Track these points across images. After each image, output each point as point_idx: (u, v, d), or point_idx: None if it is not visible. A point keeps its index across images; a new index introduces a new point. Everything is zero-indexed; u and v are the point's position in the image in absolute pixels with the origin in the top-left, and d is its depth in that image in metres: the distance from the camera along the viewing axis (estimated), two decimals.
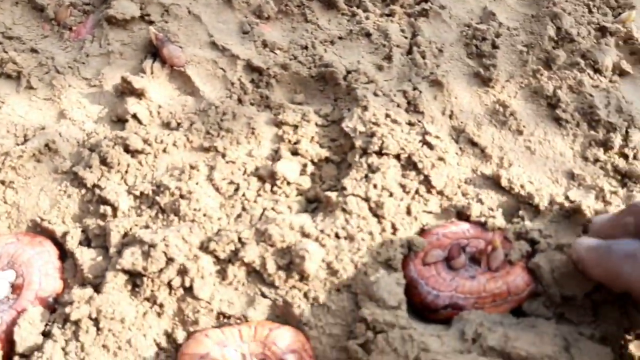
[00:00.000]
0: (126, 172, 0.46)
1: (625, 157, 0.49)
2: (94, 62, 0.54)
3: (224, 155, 0.47)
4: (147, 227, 0.44)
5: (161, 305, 0.40)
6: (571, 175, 0.49)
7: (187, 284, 0.40)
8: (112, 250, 0.42)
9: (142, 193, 0.45)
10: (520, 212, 0.46)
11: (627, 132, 0.50)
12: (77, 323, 0.39)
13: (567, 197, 0.46)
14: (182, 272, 0.40)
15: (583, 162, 0.49)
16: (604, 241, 0.39)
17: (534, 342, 0.37)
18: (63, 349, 0.38)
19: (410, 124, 0.50)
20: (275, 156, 0.48)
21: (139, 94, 0.50)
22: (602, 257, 0.38)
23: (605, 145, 0.50)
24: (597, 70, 0.54)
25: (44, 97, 0.51)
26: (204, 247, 0.42)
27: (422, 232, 0.46)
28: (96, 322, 0.39)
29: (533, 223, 0.45)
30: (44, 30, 0.57)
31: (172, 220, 0.44)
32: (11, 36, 0.55)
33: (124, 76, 0.50)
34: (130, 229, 0.43)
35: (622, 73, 0.55)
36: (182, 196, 0.45)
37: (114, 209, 0.45)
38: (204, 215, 0.44)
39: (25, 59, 0.53)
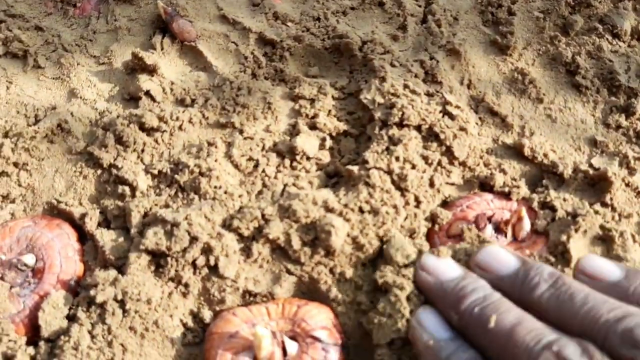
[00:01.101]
0: (142, 150, 0.45)
1: None
2: (102, 39, 0.53)
3: (241, 132, 0.46)
4: (167, 206, 0.43)
5: (186, 285, 0.39)
6: (594, 143, 0.48)
7: (212, 263, 0.39)
8: (133, 230, 0.41)
9: (160, 172, 0.44)
10: (544, 181, 0.45)
11: None
12: (102, 305, 0.38)
13: (591, 165, 0.46)
14: (207, 250, 0.40)
15: (605, 128, 0.49)
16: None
17: None
18: (89, 332, 0.37)
19: (429, 94, 0.49)
20: (293, 131, 0.47)
21: (151, 71, 0.49)
22: None
23: (627, 111, 0.49)
24: (615, 35, 0.53)
25: (53, 77, 0.50)
26: (227, 225, 0.41)
27: (446, 204, 0.45)
28: (122, 303, 0.38)
29: (558, 192, 0.44)
30: (47, 8, 0.55)
31: (193, 199, 0.43)
32: (14, 14, 0.54)
33: (134, 52, 0.49)
34: (151, 208, 0.42)
35: None
36: (201, 174, 0.44)
37: (133, 189, 0.44)
38: (225, 192, 0.43)
39: (31, 37, 0.52)
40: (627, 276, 0.35)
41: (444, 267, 0.38)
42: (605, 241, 0.42)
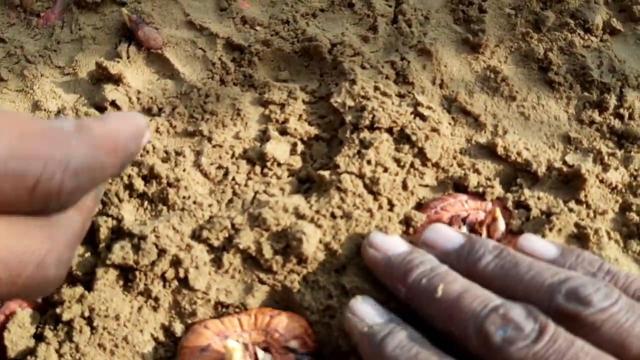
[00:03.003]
0: None
1: (621, 117, 0.48)
2: (66, 49, 0.52)
3: (210, 139, 0.46)
4: (135, 219, 0.42)
5: (156, 299, 0.39)
6: (567, 139, 0.47)
7: (182, 275, 0.39)
8: (101, 245, 0.40)
9: (127, 184, 0.43)
10: (519, 180, 0.45)
11: (621, 91, 0.49)
12: (69, 323, 0.37)
13: (564, 162, 0.45)
14: (176, 263, 0.39)
15: (578, 124, 0.48)
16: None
17: None
18: (57, 350, 0.37)
19: (400, 95, 0.48)
20: (264, 137, 0.46)
21: (116, 80, 0.48)
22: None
23: (600, 106, 0.49)
24: (587, 30, 0.53)
25: (16, 89, 0.48)
26: (196, 236, 0.40)
27: (420, 206, 0.44)
28: (89, 320, 0.37)
29: (532, 191, 0.44)
30: (10, 19, 0.54)
31: (161, 210, 0.42)
32: None
33: (98, 62, 0.47)
34: (119, 222, 0.42)
35: (613, 32, 0.54)
36: (169, 184, 0.43)
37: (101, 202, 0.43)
38: (194, 202, 0.42)
39: None
40: (563, 254, 0.36)
41: (391, 243, 0.38)
42: (580, 239, 0.41)
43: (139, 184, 0.43)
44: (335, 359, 0.37)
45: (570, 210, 0.42)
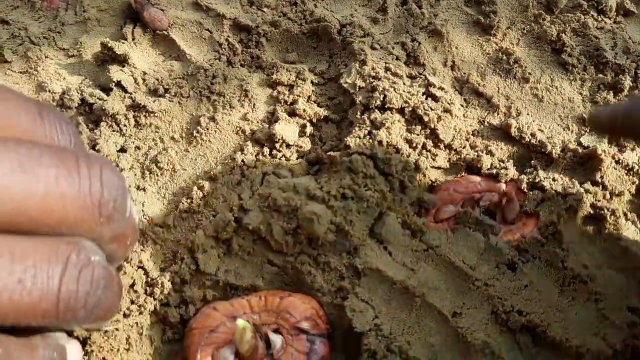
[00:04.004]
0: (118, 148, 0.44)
1: None
2: (71, 31, 0.51)
3: (217, 121, 0.45)
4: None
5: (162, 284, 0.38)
6: (582, 121, 0.47)
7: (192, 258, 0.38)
8: None
9: (131, 167, 0.43)
10: (533, 162, 0.44)
11: (636, 73, 0.48)
12: None
13: (580, 143, 0.45)
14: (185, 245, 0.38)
15: (593, 106, 0.47)
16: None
17: None
18: None
19: (411, 76, 0.47)
20: (272, 118, 0.45)
21: (122, 61, 0.47)
22: None
23: (615, 87, 0.48)
24: (600, 12, 0.52)
25: (20, 70, 0.47)
26: (205, 218, 0.39)
27: (433, 188, 0.43)
28: None
29: (547, 172, 0.43)
30: (14, 1, 0.53)
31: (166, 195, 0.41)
32: None
33: (104, 42, 0.47)
34: None
35: (627, 13, 0.53)
36: (174, 170, 0.42)
37: None
38: (201, 187, 0.41)
39: None
40: None
41: None
42: (597, 220, 0.40)
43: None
44: (348, 340, 0.36)
45: (587, 191, 0.41)
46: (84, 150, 0.25)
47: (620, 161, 0.43)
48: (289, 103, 0.46)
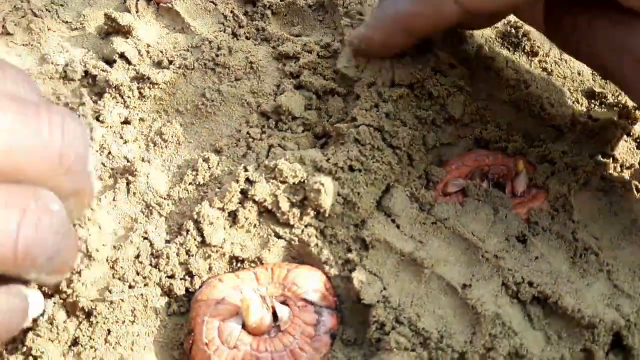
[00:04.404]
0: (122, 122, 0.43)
1: None
2: (73, 4, 0.50)
3: (222, 93, 0.44)
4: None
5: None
6: (592, 94, 0.46)
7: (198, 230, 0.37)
8: None
9: (136, 139, 0.42)
10: (542, 135, 0.43)
11: None
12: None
13: (589, 116, 0.44)
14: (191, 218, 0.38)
15: (603, 80, 0.47)
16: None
17: None
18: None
19: (419, 51, 0.46)
20: (278, 91, 0.45)
21: (125, 32, 0.46)
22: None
23: None
24: None
25: (22, 43, 0.47)
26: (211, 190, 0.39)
27: (440, 161, 0.43)
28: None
29: (556, 145, 0.42)
30: None
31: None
32: None
33: (107, 13, 0.46)
34: None
35: None
36: (179, 143, 0.42)
37: None
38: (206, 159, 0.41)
39: None
40: None
41: None
42: (607, 193, 0.40)
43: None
44: (356, 313, 0.36)
45: (597, 163, 0.41)
46: (47, 103, 0.24)
47: (632, 134, 0.42)
48: (294, 75, 0.45)
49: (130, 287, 0.36)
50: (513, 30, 0.49)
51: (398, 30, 0.39)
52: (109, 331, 0.35)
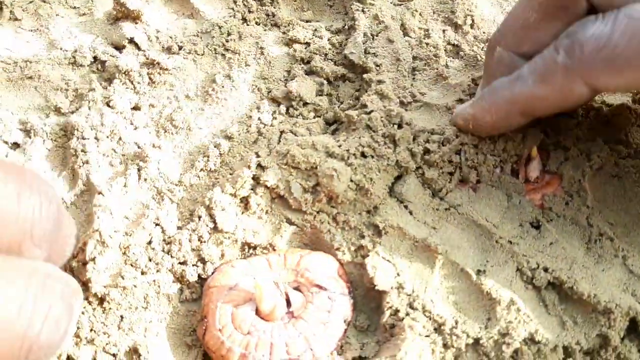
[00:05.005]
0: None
1: None
2: None
3: (232, 79, 0.44)
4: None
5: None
6: None
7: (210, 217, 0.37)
8: None
9: (146, 122, 0.42)
10: (555, 120, 0.43)
11: None
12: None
13: (603, 102, 0.43)
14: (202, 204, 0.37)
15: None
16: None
17: None
18: None
19: (428, 35, 0.46)
20: (289, 76, 0.44)
21: (135, 17, 0.46)
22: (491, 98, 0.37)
23: None
24: None
25: (30, 29, 0.46)
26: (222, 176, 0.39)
27: None
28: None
29: (570, 131, 0.42)
30: None
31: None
32: None
33: None
34: None
35: None
36: (189, 128, 0.41)
37: None
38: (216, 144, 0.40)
39: None
40: None
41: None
42: (621, 178, 0.40)
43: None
44: (369, 299, 0.36)
45: (611, 149, 0.40)
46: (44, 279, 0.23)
47: None
48: (305, 61, 0.45)
49: (142, 273, 0.36)
50: None
51: (515, 113, 0.36)
52: (122, 317, 0.35)
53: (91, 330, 0.34)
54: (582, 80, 0.33)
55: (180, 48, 0.45)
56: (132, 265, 0.36)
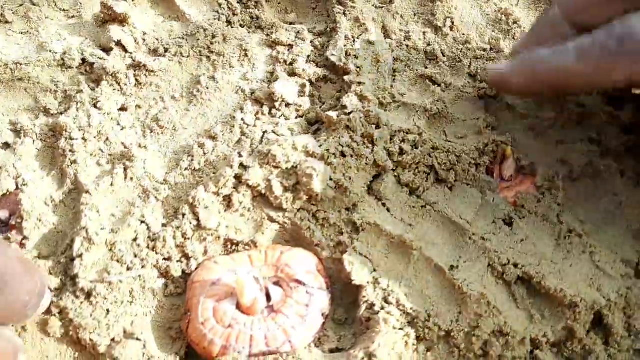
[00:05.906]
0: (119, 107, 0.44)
1: None
2: None
3: (217, 80, 0.45)
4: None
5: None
6: None
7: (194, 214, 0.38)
8: None
9: (132, 126, 0.43)
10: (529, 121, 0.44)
11: None
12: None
13: (578, 104, 0.45)
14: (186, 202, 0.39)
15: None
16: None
17: None
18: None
19: (409, 37, 0.47)
20: (271, 78, 0.45)
21: (122, 20, 0.47)
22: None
23: None
24: None
25: (21, 31, 0.48)
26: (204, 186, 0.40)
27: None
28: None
29: (544, 131, 0.43)
30: None
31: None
32: None
33: (103, 1, 0.47)
34: None
35: None
36: (175, 129, 0.42)
37: None
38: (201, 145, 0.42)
39: None
40: None
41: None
42: (593, 177, 0.41)
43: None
44: (347, 293, 0.37)
45: (585, 149, 0.42)
46: None
47: (616, 118, 0.43)
48: (288, 63, 0.46)
49: (128, 269, 0.37)
50: (504, 17, 0.49)
51: (547, 84, 0.37)
52: (108, 311, 0.36)
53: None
54: (623, 69, 0.33)
55: (166, 50, 0.46)
56: (118, 261, 0.37)
